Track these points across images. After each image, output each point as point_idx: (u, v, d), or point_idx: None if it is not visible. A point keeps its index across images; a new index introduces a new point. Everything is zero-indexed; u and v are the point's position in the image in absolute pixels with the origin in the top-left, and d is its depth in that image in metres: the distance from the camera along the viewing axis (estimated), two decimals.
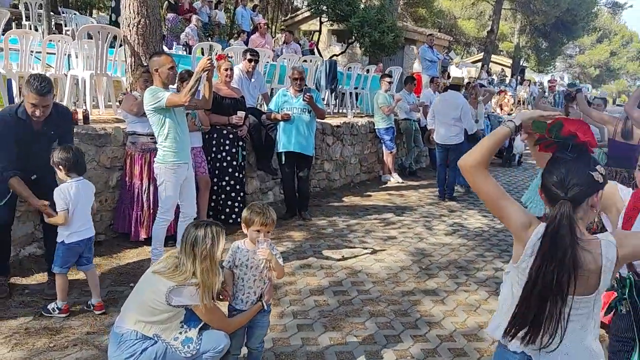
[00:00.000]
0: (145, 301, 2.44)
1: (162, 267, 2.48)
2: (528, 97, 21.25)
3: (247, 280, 2.68)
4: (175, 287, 2.37)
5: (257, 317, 2.73)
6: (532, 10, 22.87)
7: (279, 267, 2.70)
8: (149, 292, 2.43)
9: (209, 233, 2.42)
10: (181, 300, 2.39)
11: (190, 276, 2.38)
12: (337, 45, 19.56)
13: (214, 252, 2.42)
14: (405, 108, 9.00)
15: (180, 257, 2.44)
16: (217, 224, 2.52)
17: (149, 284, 2.47)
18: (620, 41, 46.91)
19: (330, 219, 6.15)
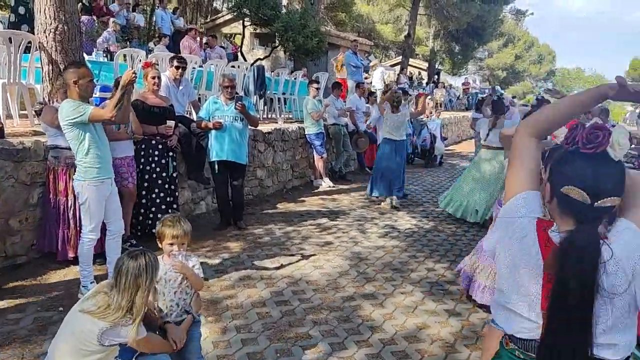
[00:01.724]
0: (74, 343, 2.24)
1: (91, 305, 2.27)
2: (445, 99, 22.31)
3: (167, 294, 2.66)
4: (108, 328, 2.22)
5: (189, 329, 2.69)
6: (446, 16, 24.06)
7: (194, 279, 2.66)
8: (79, 333, 2.23)
9: (148, 263, 2.31)
10: (116, 340, 2.26)
11: (124, 314, 2.24)
12: (260, 48, 19.48)
13: (154, 282, 2.34)
14: (334, 113, 9.16)
15: (112, 293, 2.27)
16: (150, 251, 2.42)
17: (77, 324, 2.25)
18: (523, 46, 50.61)
19: (266, 227, 6.13)
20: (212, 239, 5.51)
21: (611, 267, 1.23)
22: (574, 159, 1.34)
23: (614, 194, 1.29)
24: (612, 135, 1.28)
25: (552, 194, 1.38)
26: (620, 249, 1.24)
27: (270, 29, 13.81)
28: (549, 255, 1.31)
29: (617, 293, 1.24)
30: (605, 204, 1.29)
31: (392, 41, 32.24)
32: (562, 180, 1.34)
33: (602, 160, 1.30)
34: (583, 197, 1.30)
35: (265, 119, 9.32)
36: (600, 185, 1.29)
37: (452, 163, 13.00)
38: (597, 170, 1.30)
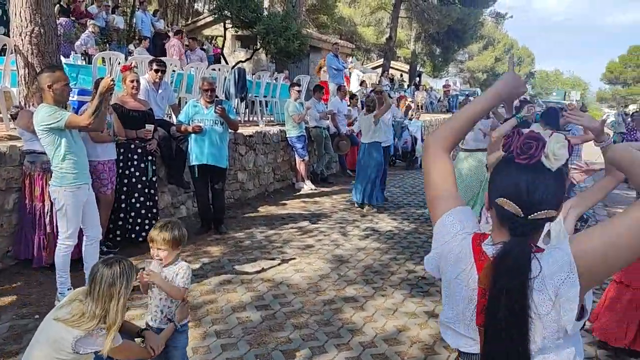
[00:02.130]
0: (48, 351, 2.19)
1: (65, 313, 2.24)
2: (426, 102, 22.50)
3: (153, 299, 2.66)
4: (83, 337, 2.19)
5: (170, 337, 2.68)
6: (426, 19, 24.25)
7: (167, 289, 2.63)
8: (53, 342, 2.19)
9: (123, 271, 2.29)
10: (90, 348, 2.24)
11: (98, 322, 2.21)
12: (242, 50, 19.41)
13: (129, 290, 2.32)
14: (315, 116, 9.19)
15: (87, 300, 2.25)
16: (125, 259, 2.40)
17: (52, 332, 2.22)
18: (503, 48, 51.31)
19: (248, 230, 6.12)
20: (192, 244, 5.48)
21: (538, 284, 1.17)
22: (509, 169, 1.27)
23: (549, 207, 1.23)
24: (547, 145, 1.22)
25: (490, 204, 1.32)
26: (548, 266, 1.18)
27: (252, 31, 13.79)
28: (482, 270, 1.27)
29: (543, 313, 1.17)
30: (539, 217, 1.22)
31: (374, 43, 32.42)
32: (497, 190, 1.28)
33: (537, 171, 1.23)
34: (515, 210, 1.23)
35: (247, 122, 9.30)
36: (534, 197, 1.22)
37: None
38: (531, 182, 1.22)
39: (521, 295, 1.16)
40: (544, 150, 1.22)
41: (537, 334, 1.19)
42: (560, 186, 1.26)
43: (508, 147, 1.28)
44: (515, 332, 1.18)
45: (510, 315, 1.17)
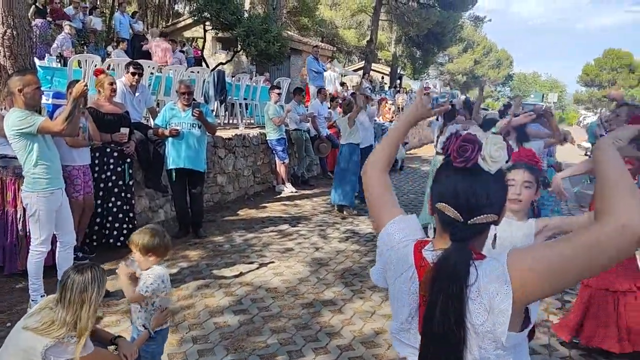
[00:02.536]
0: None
1: (35, 321, 2.19)
2: (406, 104, 22.66)
3: (133, 304, 2.69)
4: (53, 345, 2.15)
5: (145, 344, 2.65)
6: (407, 21, 24.44)
7: (125, 288, 2.63)
8: (22, 351, 2.15)
9: (95, 277, 2.26)
10: (61, 357, 2.19)
11: (69, 330, 2.18)
12: (222, 52, 19.33)
13: (101, 296, 2.29)
14: (295, 119, 9.18)
15: (57, 308, 2.20)
16: (97, 265, 2.37)
17: (21, 342, 2.18)
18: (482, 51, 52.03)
19: (227, 234, 6.08)
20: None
21: (474, 293, 1.14)
22: (448, 173, 1.25)
23: (490, 211, 1.20)
24: (484, 147, 1.18)
25: (432, 208, 1.29)
26: (484, 275, 1.15)
27: (232, 33, 13.74)
28: (423, 276, 1.24)
29: (477, 323, 1.14)
30: (479, 222, 1.19)
31: (355, 46, 32.56)
32: (437, 195, 1.26)
33: (475, 175, 1.20)
34: (455, 215, 1.20)
35: (226, 125, 9.26)
36: (473, 201, 1.19)
37: (413, 167, 13.21)
38: (469, 186, 1.19)
39: (458, 302, 1.13)
40: (481, 153, 1.19)
41: (473, 345, 1.15)
42: (501, 189, 1.24)
43: (446, 151, 1.25)
44: (450, 341, 1.15)
45: (446, 323, 1.14)
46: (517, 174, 2.39)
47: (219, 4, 12.97)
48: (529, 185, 2.37)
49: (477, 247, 1.25)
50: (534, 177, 2.39)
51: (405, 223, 1.40)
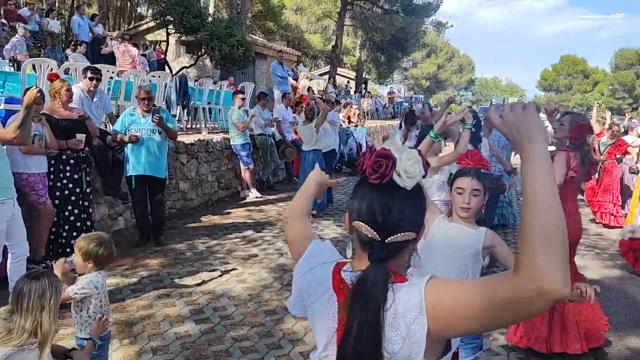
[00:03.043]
0: None
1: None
2: (371, 108, 22.88)
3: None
4: (12, 353, 2.08)
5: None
6: (371, 27, 24.74)
7: None
8: None
9: (51, 282, 2.20)
10: None
11: (29, 336, 2.11)
12: (186, 56, 19.11)
13: (59, 302, 2.22)
14: (260, 123, 9.13)
15: (13, 317, 2.12)
16: (51, 272, 2.32)
17: None
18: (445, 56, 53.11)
19: (189, 241, 5.98)
20: (130, 257, 5.30)
21: (390, 319, 1.07)
22: (364, 191, 1.18)
23: (407, 229, 1.14)
24: (399, 162, 1.12)
25: (350, 227, 1.21)
26: (402, 302, 1.08)
27: (195, 37, 13.59)
28: (341, 299, 1.17)
29: (393, 351, 1.07)
30: (396, 240, 1.13)
31: (321, 50, 32.69)
32: (354, 213, 1.18)
33: (391, 191, 1.14)
34: (372, 234, 1.13)
35: (189, 130, 9.13)
36: (390, 219, 1.12)
37: None
38: (385, 203, 1.13)
39: (374, 328, 1.07)
40: (396, 168, 1.12)
41: None
42: (419, 205, 1.19)
43: (361, 167, 1.18)
44: None
45: (361, 350, 1.07)
46: (464, 183, 2.43)
47: (182, 7, 12.82)
48: (477, 194, 2.43)
49: (397, 267, 1.18)
50: (481, 184, 2.43)
51: (320, 247, 1.37)
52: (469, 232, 2.44)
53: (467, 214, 2.44)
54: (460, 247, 2.42)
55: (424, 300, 1.06)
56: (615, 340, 4.00)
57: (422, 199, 1.20)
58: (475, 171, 2.46)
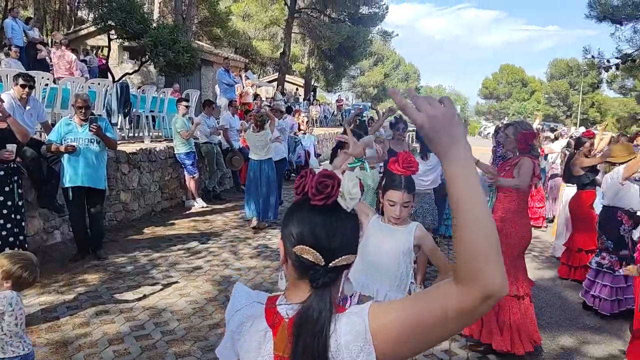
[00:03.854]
0: None
1: None
2: (320, 116, 23.04)
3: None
4: None
5: None
6: (318, 35, 24.94)
7: None
8: None
9: None
10: None
11: None
12: (130, 62, 18.56)
13: None
14: (206, 131, 8.99)
15: None
16: None
17: None
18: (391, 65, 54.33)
19: (130, 254, 5.79)
20: (67, 272, 5.07)
21: (333, 351, 1.03)
22: (304, 213, 1.11)
23: (349, 252, 1.10)
24: (342, 183, 1.08)
25: (286, 255, 1.13)
26: (344, 333, 1.04)
27: (139, 43, 13.23)
28: (277, 333, 1.10)
29: None
30: (340, 263, 1.08)
31: (270, 57, 32.64)
32: (294, 238, 1.10)
33: (334, 213, 1.10)
34: (317, 258, 1.07)
35: (131, 139, 8.87)
36: (334, 242, 1.08)
37: None
38: (330, 225, 1.08)
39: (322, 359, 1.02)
40: (340, 189, 1.09)
41: None
42: (356, 228, 1.15)
43: (302, 189, 1.12)
44: None
45: None
46: (396, 196, 2.54)
47: (124, 12, 12.44)
48: (407, 205, 2.57)
49: (335, 294, 1.12)
50: (411, 195, 2.57)
51: (245, 289, 1.28)
52: (401, 230, 2.62)
53: (398, 222, 2.62)
54: (394, 245, 2.60)
55: (369, 328, 1.02)
56: (549, 340, 4.19)
57: (357, 220, 1.16)
58: (406, 184, 2.55)
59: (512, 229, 3.70)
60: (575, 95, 54.43)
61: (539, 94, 61.92)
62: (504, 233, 3.67)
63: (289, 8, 24.23)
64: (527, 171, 3.66)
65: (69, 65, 9.60)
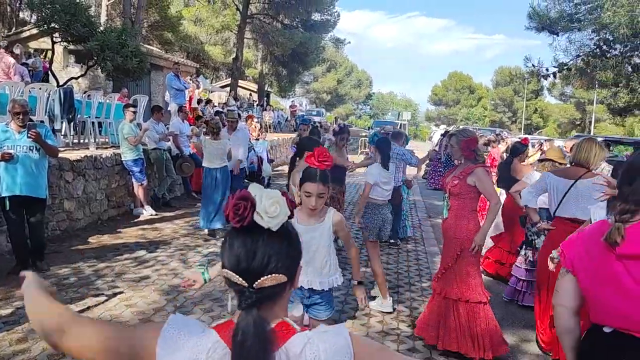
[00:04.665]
0: None
1: None
2: (274, 121, 23.01)
3: None
4: None
5: None
6: (271, 41, 24.94)
7: None
8: None
9: None
10: None
11: None
12: (76, 66, 17.95)
13: None
14: (155, 137, 8.81)
15: None
16: None
17: None
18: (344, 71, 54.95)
19: (74, 265, 5.58)
20: (4, 286, 4.83)
21: None
22: (230, 237, 1.13)
23: (274, 271, 1.09)
24: (258, 204, 1.09)
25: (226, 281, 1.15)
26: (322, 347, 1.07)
27: (85, 46, 12.80)
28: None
29: None
30: (265, 284, 1.08)
31: (222, 62, 32.34)
32: (223, 262, 1.13)
33: (255, 234, 1.10)
34: (239, 281, 1.08)
35: (76, 145, 8.57)
36: (255, 263, 1.08)
37: (280, 184, 13.39)
38: (249, 246, 1.09)
39: None
40: (256, 210, 1.09)
41: None
42: (289, 246, 1.14)
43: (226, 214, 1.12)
44: None
45: None
46: (311, 187, 2.76)
47: (68, 15, 12.00)
48: (322, 195, 2.80)
49: (278, 313, 1.15)
50: (326, 188, 2.80)
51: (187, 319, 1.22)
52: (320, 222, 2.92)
53: (314, 213, 2.89)
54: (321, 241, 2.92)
55: (352, 345, 1.07)
56: None
57: (292, 239, 1.15)
58: (320, 176, 2.75)
59: (466, 234, 3.79)
60: (520, 102, 56.82)
61: (485, 100, 64.24)
62: (460, 239, 3.77)
63: (241, 13, 24.12)
64: (489, 183, 3.84)
65: (7, 70, 9.17)
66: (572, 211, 3.85)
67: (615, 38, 9.84)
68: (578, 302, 1.92)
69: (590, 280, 1.85)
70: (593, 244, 1.85)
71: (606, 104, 28.87)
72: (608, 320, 1.82)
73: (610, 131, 41.07)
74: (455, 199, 3.85)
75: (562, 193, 3.90)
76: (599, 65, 11.12)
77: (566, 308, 1.94)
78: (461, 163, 3.96)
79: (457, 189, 3.80)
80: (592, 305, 1.87)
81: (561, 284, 1.96)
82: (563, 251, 1.97)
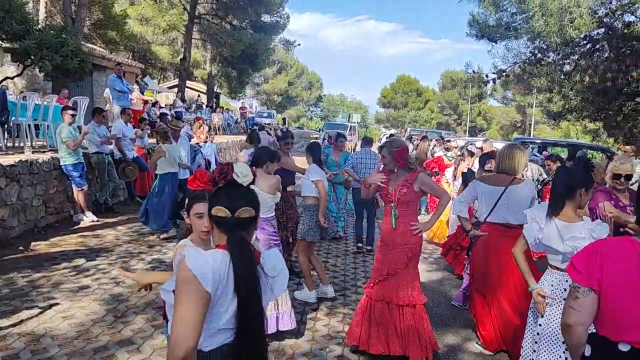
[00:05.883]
0: None
1: None
2: (223, 123, 22.72)
3: None
4: None
5: None
6: (220, 42, 24.63)
7: None
8: None
9: None
10: None
11: None
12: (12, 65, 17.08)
13: None
14: (96, 141, 8.51)
15: None
16: None
17: None
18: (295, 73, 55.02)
19: (6, 276, 5.32)
20: None
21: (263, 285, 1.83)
22: (218, 190, 1.86)
23: (247, 206, 1.80)
24: (235, 168, 1.85)
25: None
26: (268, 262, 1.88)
27: (21, 45, 12.20)
28: None
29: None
30: (242, 215, 1.79)
31: (170, 63, 31.60)
32: (212, 205, 1.81)
33: (234, 187, 1.85)
34: (225, 212, 1.77)
35: (10, 150, 8.17)
36: (235, 202, 1.79)
37: None
38: (231, 193, 1.82)
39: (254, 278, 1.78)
40: (234, 171, 1.84)
41: None
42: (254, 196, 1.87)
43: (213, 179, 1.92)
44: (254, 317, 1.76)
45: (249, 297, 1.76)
46: (202, 207, 2.56)
47: (2, 11, 11.41)
48: None
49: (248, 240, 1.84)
50: None
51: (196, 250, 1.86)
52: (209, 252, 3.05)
53: (207, 236, 2.59)
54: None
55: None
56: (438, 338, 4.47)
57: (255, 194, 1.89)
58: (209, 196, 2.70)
59: (417, 239, 3.88)
60: (465, 105, 58.69)
61: (432, 103, 65.90)
62: (411, 244, 3.85)
63: (188, 14, 23.68)
64: (434, 183, 4.17)
65: None
66: (504, 216, 4.04)
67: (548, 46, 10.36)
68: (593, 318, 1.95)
69: (625, 295, 1.86)
70: (622, 259, 1.89)
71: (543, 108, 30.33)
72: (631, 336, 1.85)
73: (548, 133, 43.18)
74: (403, 207, 3.90)
75: (494, 200, 4.08)
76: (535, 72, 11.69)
77: (585, 326, 1.95)
78: (394, 172, 4.01)
79: (406, 197, 3.87)
80: (615, 321, 1.89)
81: (584, 304, 1.93)
82: (582, 272, 1.95)
